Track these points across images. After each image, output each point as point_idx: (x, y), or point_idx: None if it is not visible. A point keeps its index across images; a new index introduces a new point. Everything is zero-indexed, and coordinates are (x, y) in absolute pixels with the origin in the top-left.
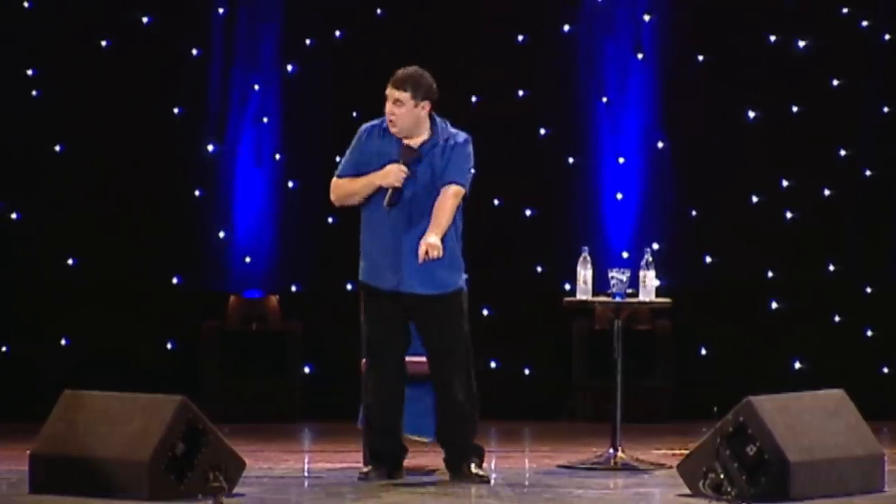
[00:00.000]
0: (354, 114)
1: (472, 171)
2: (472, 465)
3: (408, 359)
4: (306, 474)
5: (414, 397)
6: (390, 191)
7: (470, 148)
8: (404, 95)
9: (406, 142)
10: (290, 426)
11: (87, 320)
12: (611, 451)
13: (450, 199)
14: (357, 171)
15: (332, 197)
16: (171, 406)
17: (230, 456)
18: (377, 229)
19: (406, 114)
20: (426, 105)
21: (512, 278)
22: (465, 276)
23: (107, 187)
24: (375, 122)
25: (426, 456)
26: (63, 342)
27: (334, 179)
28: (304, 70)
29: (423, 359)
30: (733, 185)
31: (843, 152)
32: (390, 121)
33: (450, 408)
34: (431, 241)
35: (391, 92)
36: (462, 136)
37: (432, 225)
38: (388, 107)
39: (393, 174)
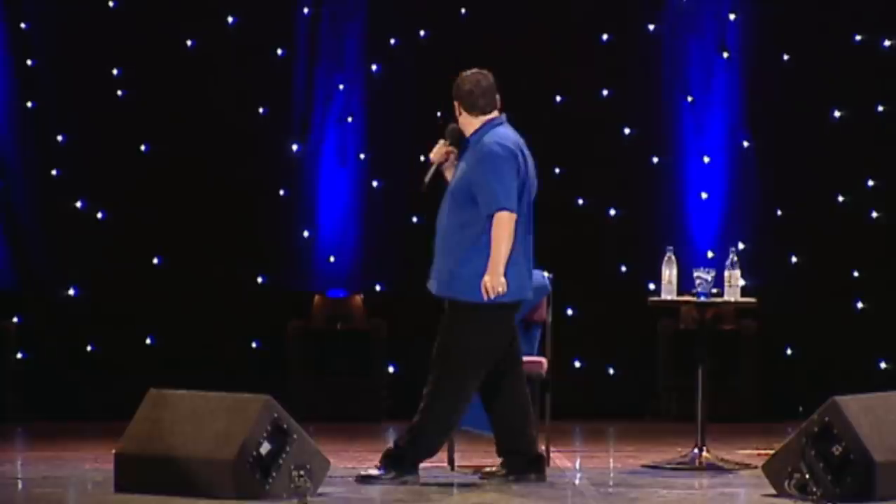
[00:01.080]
0: (438, 113)
1: (510, 182)
2: (370, 468)
3: None
4: None
5: None
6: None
7: (494, 162)
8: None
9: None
10: (375, 426)
11: (173, 320)
12: (695, 450)
13: (495, 229)
14: None
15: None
16: (256, 405)
17: (315, 455)
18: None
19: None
20: (456, 105)
21: (596, 278)
22: (498, 295)
23: (192, 187)
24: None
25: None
26: (148, 341)
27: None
28: (388, 69)
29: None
30: (819, 184)
31: None
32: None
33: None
34: (485, 280)
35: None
36: (488, 145)
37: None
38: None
39: (436, 149)
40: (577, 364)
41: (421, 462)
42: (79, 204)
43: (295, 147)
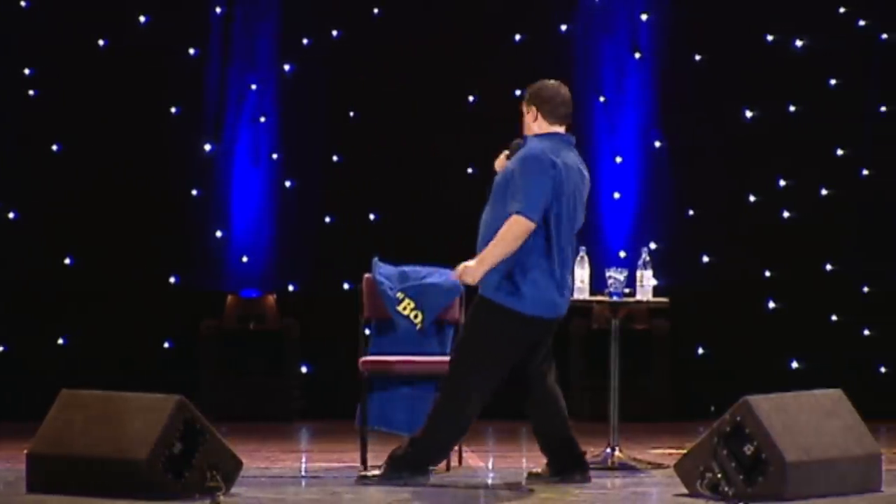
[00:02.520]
0: (351, 113)
1: (538, 191)
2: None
3: (421, 358)
4: (303, 473)
5: (421, 396)
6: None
7: (528, 165)
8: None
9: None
10: (288, 425)
11: (85, 320)
12: (608, 450)
13: (503, 228)
14: None
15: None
16: (168, 405)
17: (228, 455)
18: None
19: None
20: (531, 110)
21: None
22: (507, 302)
23: (104, 187)
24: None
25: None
26: (60, 341)
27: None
28: (301, 69)
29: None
30: (731, 184)
31: (840, 152)
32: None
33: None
34: (464, 264)
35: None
36: (532, 148)
37: (482, 254)
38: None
39: (498, 162)
40: None
41: (432, 465)
42: None
43: (208, 147)
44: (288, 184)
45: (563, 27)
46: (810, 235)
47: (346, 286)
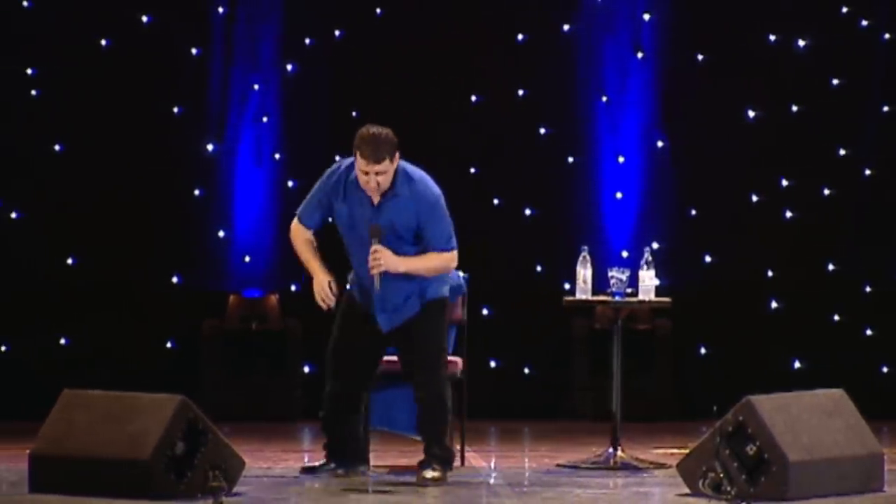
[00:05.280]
0: (354, 113)
1: (450, 228)
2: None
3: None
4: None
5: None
6: (371, 231)
7: (442, 204)
8: (385, 164)
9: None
10: (290, 425)
11: (87, 319)
12: (610, 450)
13: (435, 259)
14: (321, 219)
15: (292, 237)
16: (170, 405)
17: (230, 455)
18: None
19: (388, 177)
20: (397, 158)
21: (512, 278)
22: (445, 291)
23: (106, 187)
24: (340, 170)
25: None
26: (63, 341)
27: (295, 222)
28: (303, 69)
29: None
30: (733, 184)
31: (842, 152)
32: (373, 189)
33: None
34: (388, 256)
35: (371, 167)
36: (430, 192)
37: (405, 258)
38: (369, 180)
39: (320, 293)
40: (493, 364)
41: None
42: None
43: (210, 147)
44: (290, 184)
45: (566, 27)
46: (812, 235)
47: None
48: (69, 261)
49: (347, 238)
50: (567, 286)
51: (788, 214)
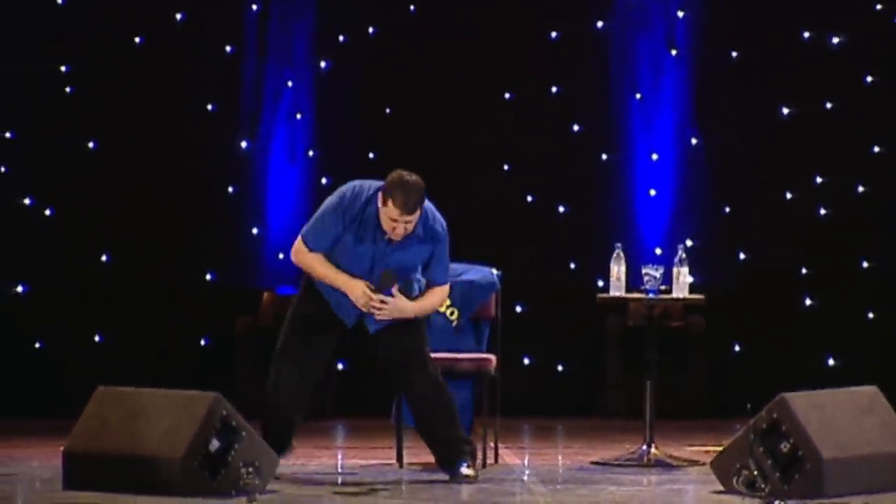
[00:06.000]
0: (387, 110)
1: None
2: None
3: (458, 355)
4: (339, 470)
5: (456, 393)
6: (383, 278)
7: (446, 245)
8: (417, 214)
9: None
10: (323, 422)
11: (121, 317)
12: (644, 447)
13: (438, 295)
14: (329, 246)
15: (295, 260)
16: (204, 402)
17: (263, 452)
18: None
19: (414, 224)
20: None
21: (545, 275)
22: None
23: (140, 184)
24: (358, 204)
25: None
26: (97, 339)
27: (303, 248)
28: (337, 66)
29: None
30: (767, 181)
31: (876, 149)
32: (398, 235)
33: None
34: (399, 305)
35: (403, 217)
36: (440, 225)
37: (416, 301)
38: (397, 227)
39: (362, 299)
40: (526, 361)
41: None
42: (27, 201)
43: (244, 144)
44: (324, 181)
45: (600, 24)
46: (846, 232)
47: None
48: (103, 258)
49: (345, 264)
50: (601, 283)
51: (822, 211)
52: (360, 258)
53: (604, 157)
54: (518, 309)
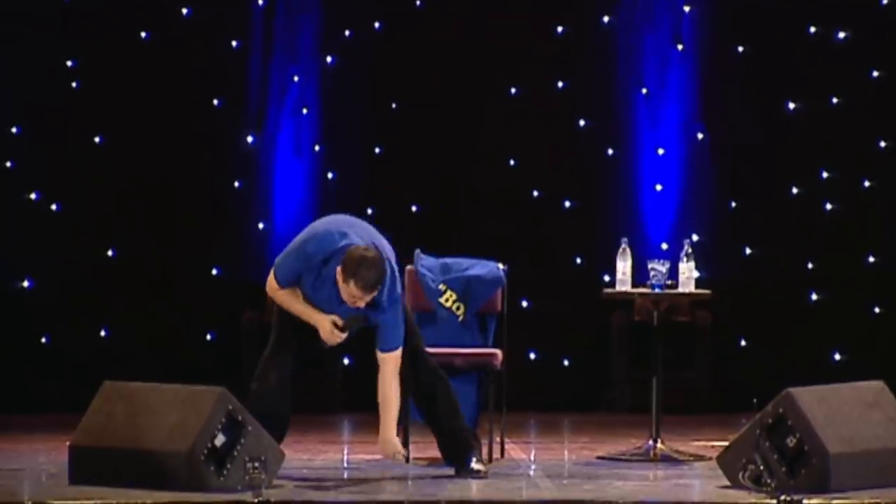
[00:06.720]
0: (393, 105)
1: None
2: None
3: (464, 350)
4: (345, 465)
5: (463, 388)
6: (349, 321)
7: (398, 307)
8: (377, 289)
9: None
10: (329, 417)
11: (127, 311)
12: (650, 442)
13: (390, 375)
14: (297, 283)
15: (268, 292)
16: (210, 397)
17: (269, 447)
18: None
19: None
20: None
21: (551, 270)
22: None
23: (146, 179)
24: (317, 259)
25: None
26: (103, 333)
27: (275, 285)
28: (343, 61)
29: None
30: (773, 176)
31: (882, 143)
32: (358, 305)
33: None
34: (396, 449)
35: (364, 296)
36: (388, 296)
37: (386, 421)
38: (356, 301)
39: (329, 337)
40: (532, 356)
41: None
42: (33, 196)
43: (250, 139)
44: (330, 175)
45: (606, 19)
46: (853, 227)
47: None
48: (109, 252)
49: (310, 296)
50: (606, 278)
51: (829, 206)
52: (318, 303)
53: (610, 152)
54: (524, 304)
